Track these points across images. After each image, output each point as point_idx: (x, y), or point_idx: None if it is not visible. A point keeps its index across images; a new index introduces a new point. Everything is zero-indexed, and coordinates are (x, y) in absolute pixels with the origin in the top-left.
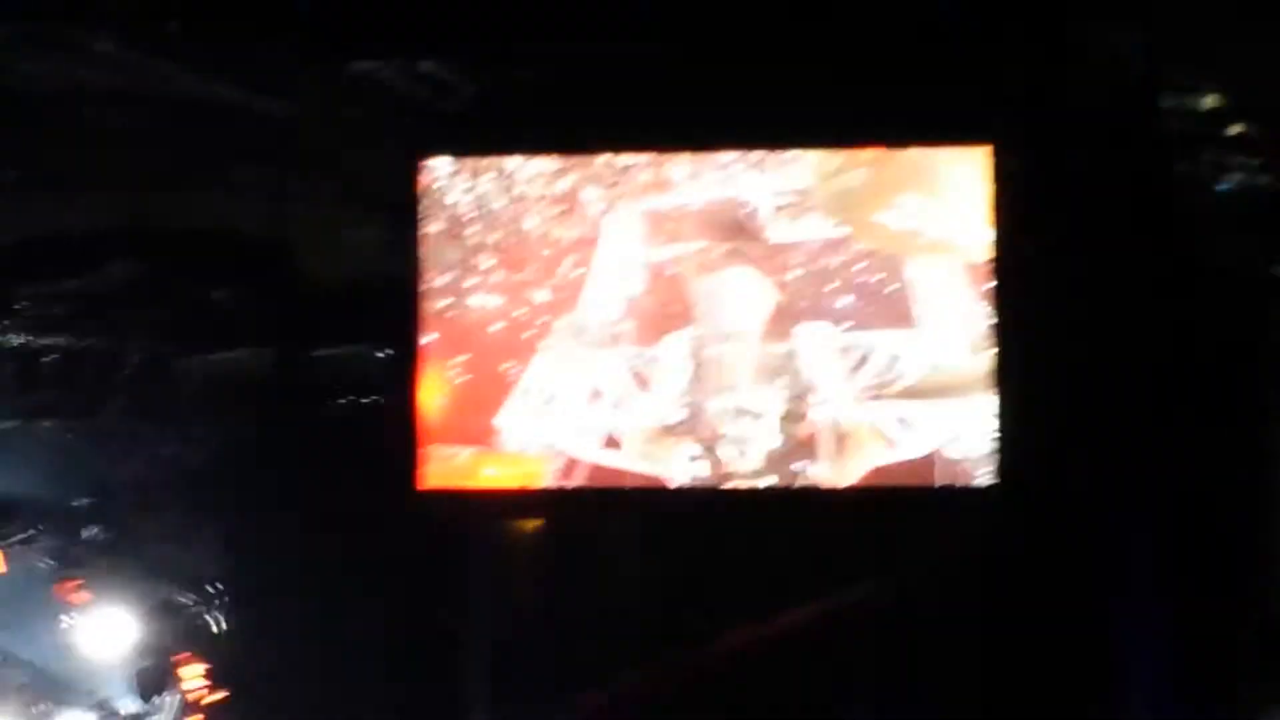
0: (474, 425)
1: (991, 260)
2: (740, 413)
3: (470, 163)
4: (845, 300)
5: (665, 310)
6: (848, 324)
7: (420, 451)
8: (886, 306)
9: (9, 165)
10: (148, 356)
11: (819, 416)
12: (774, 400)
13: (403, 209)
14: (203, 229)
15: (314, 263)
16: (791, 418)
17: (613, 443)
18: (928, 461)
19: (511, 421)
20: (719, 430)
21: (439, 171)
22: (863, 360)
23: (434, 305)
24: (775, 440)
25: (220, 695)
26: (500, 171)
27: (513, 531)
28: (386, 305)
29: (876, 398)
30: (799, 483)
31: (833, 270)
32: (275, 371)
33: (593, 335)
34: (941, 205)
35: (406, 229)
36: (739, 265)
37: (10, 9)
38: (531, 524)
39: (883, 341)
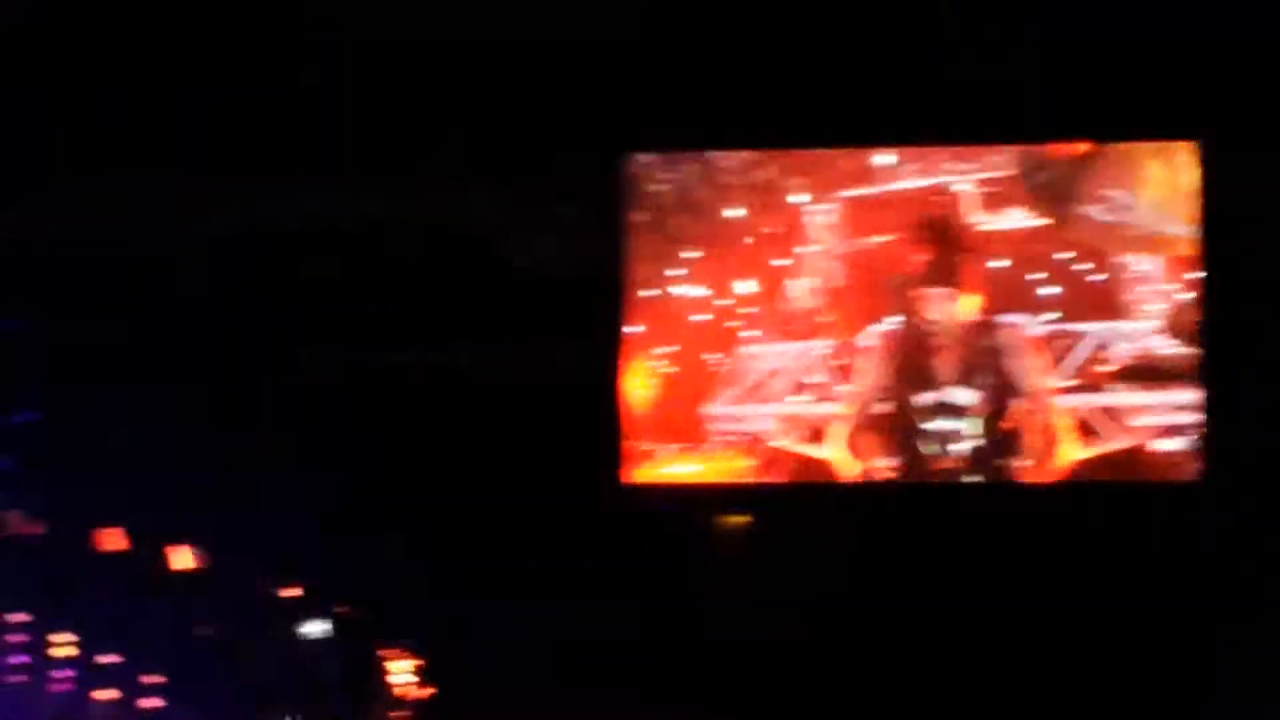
0: (679, 416)
1: (1200, 254)
2: (943, 408)
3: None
4: (1050, 290)
5: (867, 300)
6: (1053, 314)
7: (625, 445)
8: (1093, 296)
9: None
10: (351, 352)
11: (1022, 409)
12: (976, 395)
13: (608, 202)
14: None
15: (518, 256)
16: (994, 412)
17: (816, 434)
18: (1133, 454)
19: (716, 413)
20: (921, 425)
21: (642, 162)
22: (1068, 350)
23: (638, 296)
24: (978, 435)
25: (428, 691)
26: (702, 162)
27: (717, 526)
28: (591, 298)
29: (1081, 389)
30: (1003, 477)
31: (1037, 259)
32: (479, 365)
33: (795, 325)
34: (1149, 199)
35: (612, 224)
36: (941, 284)
37: None
38: (736, 519)
39: (1089, 331)
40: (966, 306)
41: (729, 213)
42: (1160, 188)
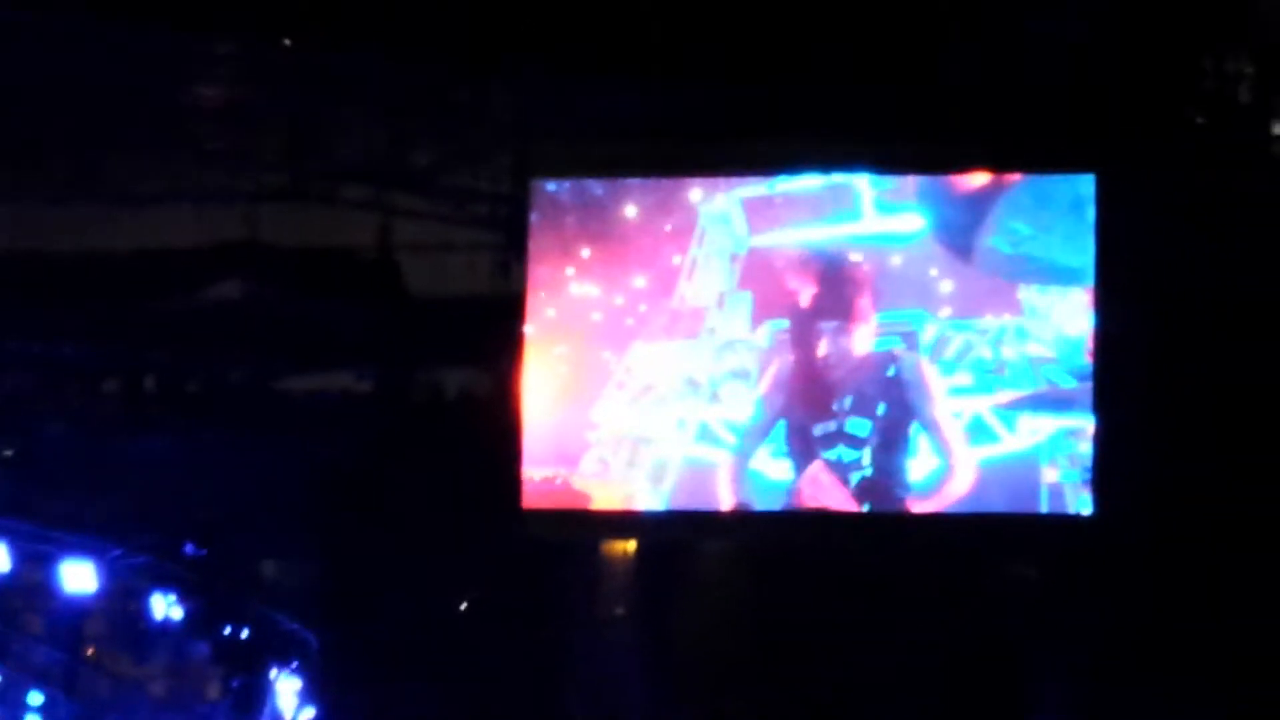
0: (572, 417)
1: (1096, 285)
2: (841, 436)
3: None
4: (947, 286)
5: (764, 300)
6: (948, 309)
7: (523, 471)
8: (991, 292)
9: (119, 182)
10: (251, 374)
11: (917, 417)
12: (873, 424)
13: (508, 222)
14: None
15: (415, 277)
16: (890, 425)
17: (707, 435)
18: (1029, 462)
19: (608, 413)
20: (816, 450)
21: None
22: (966, 350)
23: (536, 295)
24: (870, 458)
25: (311, 713)
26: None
27: (608, 550)
28: (491, 321)
29: (978, 390)
30: (896, 500)
31: (934, 258)
32: (378, 389)
33: (689, 324)
34: (1048, 229)
35: (514, 248)
36: (832, 318)
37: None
38: (626, 544)
39: (987, 328)
40: (860, 338)
41: (627, 210)
42: (1061, 217)
